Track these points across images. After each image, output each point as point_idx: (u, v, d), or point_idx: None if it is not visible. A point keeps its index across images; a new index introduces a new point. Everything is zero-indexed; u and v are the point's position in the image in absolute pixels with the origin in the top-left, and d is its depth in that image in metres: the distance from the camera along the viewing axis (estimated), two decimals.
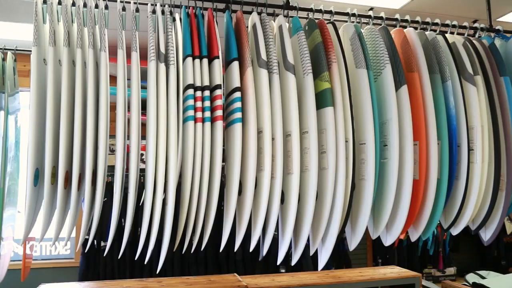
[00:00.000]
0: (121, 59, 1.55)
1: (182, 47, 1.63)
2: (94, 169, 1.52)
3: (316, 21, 1.73)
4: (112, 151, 1.57)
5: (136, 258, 1.67)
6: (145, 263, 1.64)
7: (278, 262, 1.72)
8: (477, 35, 2.06)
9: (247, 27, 1.72)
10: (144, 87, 1.55)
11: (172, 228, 1.56)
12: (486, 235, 1.93)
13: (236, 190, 1.58)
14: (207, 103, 1.56)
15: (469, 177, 1.71)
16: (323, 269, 1.88)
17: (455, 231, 1.86)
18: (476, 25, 2.06)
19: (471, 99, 1.74)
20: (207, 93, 1.57)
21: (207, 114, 1.56)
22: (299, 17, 1.75)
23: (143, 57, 1.57)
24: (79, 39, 1.55)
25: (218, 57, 1.62)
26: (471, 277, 2.96)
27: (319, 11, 1.82)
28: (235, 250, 1.71)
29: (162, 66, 1.56)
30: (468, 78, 1.76)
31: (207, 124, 1.55)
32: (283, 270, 3.62)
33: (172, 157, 1.52)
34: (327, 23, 1.73)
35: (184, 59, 1.60)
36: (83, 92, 1.54)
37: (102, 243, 3.57)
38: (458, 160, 1.72)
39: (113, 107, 1.50)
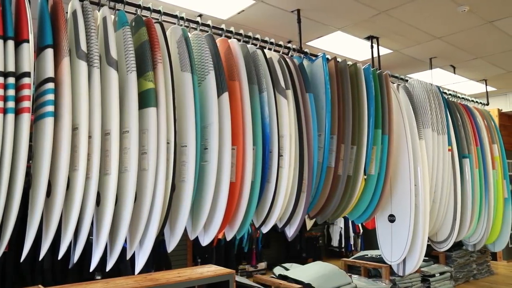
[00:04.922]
0: None
1: None
2: None
3: (144, 18, 1.69)
4: None
5: None
6: None
7: (91, 269, 1.61)
8: (289, 54, 2.32)
9: (67, 13, 1.57)
10: None
11: None
12: (290, 231, 2.18)
13: (44, 191, 1.43)
14: (11, 92, 1.37)
15: (278, 180, 1.91)
16: (142, 272, 1.85)
17: (265, 229, 2.06)
18: (289, 45, 2.32)
19: (282, 110, 1.95)
20: (11, 80, 1.38)
21: (11, 104, 1.37)
22: (126, 12, 1.69)
23: None
24: None
25: (28, 41, 1.44)
26: (277, 270, 3.30)
27: (148, 8, 1.79)
28: (40, 257, 1.53)
29: None
30: (281, 91, 1.97)
31: (10, 116, 1.37)
32: (98, 277, 3.41)
33: None
34: (155, 23, 1.72)
35: None
36: None
37: None
38: (269, 164, 1.90)
39: None
